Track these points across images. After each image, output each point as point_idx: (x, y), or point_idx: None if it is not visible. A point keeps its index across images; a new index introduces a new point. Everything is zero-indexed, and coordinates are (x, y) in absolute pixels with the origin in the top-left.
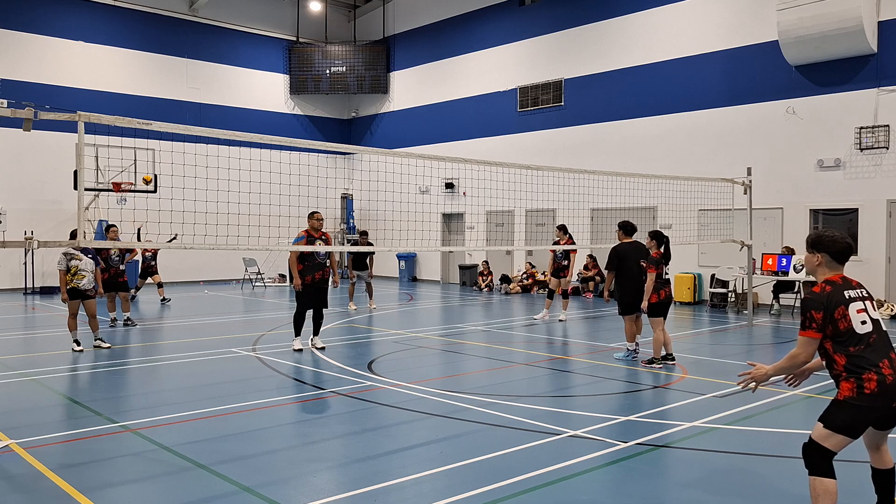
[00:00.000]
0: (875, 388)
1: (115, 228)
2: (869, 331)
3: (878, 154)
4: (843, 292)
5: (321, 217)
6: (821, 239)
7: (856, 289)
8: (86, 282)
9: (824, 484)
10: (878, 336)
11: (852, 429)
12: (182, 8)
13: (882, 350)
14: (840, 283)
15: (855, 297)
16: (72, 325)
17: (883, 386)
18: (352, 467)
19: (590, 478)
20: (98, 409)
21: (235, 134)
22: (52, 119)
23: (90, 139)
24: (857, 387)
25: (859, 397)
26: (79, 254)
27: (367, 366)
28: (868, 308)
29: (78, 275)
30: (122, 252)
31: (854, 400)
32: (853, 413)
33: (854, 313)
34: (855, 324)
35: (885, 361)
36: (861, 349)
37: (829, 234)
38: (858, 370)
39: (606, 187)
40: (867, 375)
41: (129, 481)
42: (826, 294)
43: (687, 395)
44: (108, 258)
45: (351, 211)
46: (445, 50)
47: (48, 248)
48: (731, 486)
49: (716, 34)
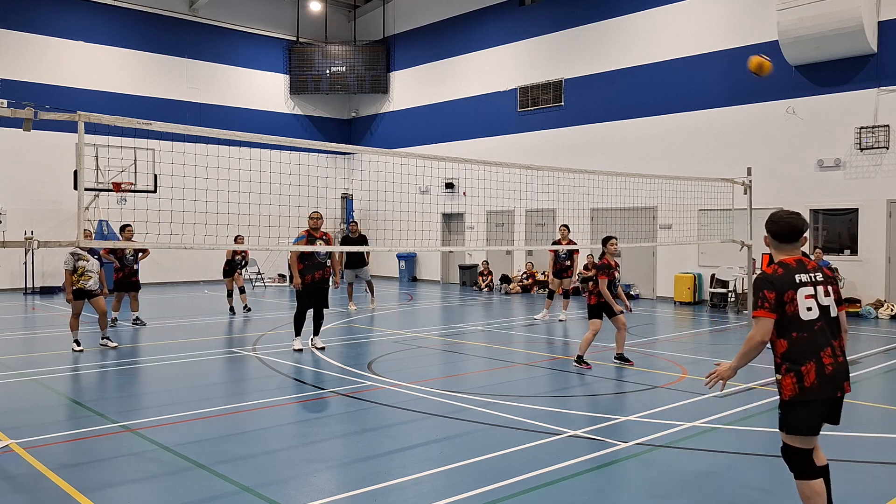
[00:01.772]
0: (815, 380)
1: (131, 228)
2: (814, 317)
3: (878, 154)
4: (794, 276)
5: (320, 216)
6: (768, 221)
7: (810, 272)
8: (91, 283)
9: (811, 486)
10: (823, 323)
11: (809, 426)
12: (182, 8)
13: (824, 339)
14: (793, 266)
15: (806, 281)
16: (74, 325)
17: (822, 376)
18: (352, 467)
19: (590, 478)
20: (98, 409)
21: (235, 134)
22: (52, 119)
23: (90, 139)
24: (797, 382)
25: (802, 392)
26: (86, 254)
27: (367, 366)
28: (819, 293)
29: (85, 276)
30: (135, 251)
31: (798, 397)
32: (804, 410)
33: (802, 298)
34: (801, 309)
35: (827, 350)
36: (804, 336)
37: (774, 214)
38: (798, 361)
39: (606, 187)
40: (806, 368)
41: (129, 481)
42: (777, 276)
43: (687, 395)
44: (122, 257)
45: (351, 211)
46: (445, 50)
47: (48, 248)
48: (731, 486)
49: (716, 34)
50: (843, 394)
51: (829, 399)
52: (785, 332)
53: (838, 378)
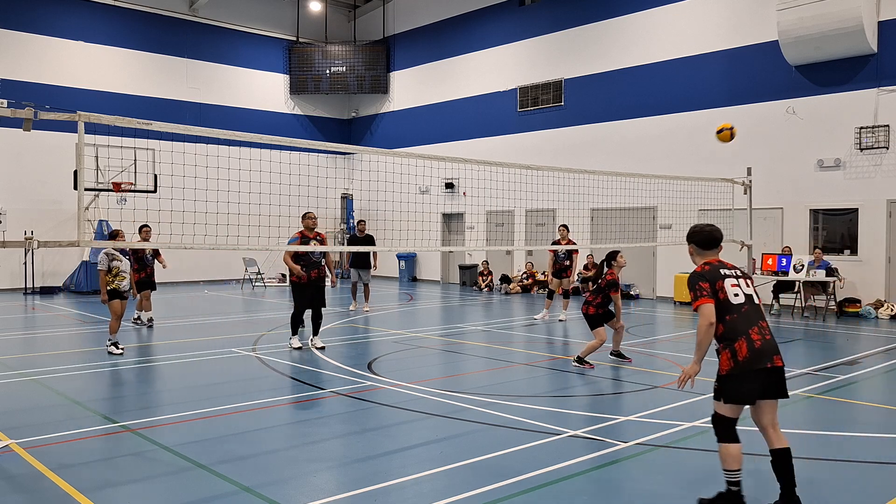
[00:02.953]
0: (746, 353)
1: (148, 228)
2: (741, 302)
3: (878, 154)
4: (719, 270)
5: (314, 217)
6: (690, 232)
7: (730, 269)
8: (125, 283)
9: (728, 449)
10: (749, 307)
11: (744, 395)
12: (182, 8)
13: (752, 319)
14: (716, 264)
15: (729, 274)
16: (114, 328)
17: (752, 349)
18: (352, 467)
19: (590, 478)
20: (98, 409)
21: (235, 134)
22: (52, 119)
23: (90, 139)
24: (732, 356)
25: (736, 366)
26: (119, 255)
27: (367, 366)
28: (741, 284)
29: (119, 276)
30: (153, 252)
31: (733, 370)
32: (737, 382)
33: (729, 286)
34: (730, 295)
35: (755, 328)
36: (735, 318)
37: (695, 227)
38: (732, 339)
39: (606, 187)
40: (738, 344)
41: (129, 481)
42: (707, 271)
43: (687, 395)
44: (143, 258)
45: (351, 211)
46: (445, 50)
47: (48, 248)
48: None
49: (716, 34)
50: (775, 366)
51: (760, 370)
52: (720, 318)
53: (767, 352)
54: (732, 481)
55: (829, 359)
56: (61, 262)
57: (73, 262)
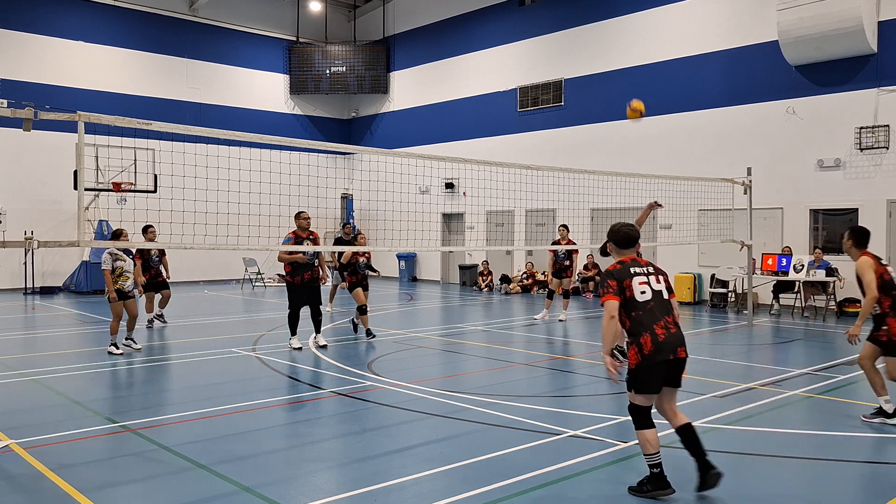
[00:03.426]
0: (651, 347)
1: (153, 229)
2: (647, 299)
3: (878, 154)
4: (629, 269)
5: (308, 217)
6: (610, 231)
7: (642, 267)
8: (129, 284)
9: (645, 434)
10: (655, 303)
11: (651, 386)
12: (182, 8)
13: (658, 315)
14: (628, 263)
15: (639, 272)
16: (115, 329)
17: (657, 343)
18: (352, 467)
19: (590, 478)
20: (98, 409)
21: (235, 134)
22: (52, 119)
23: (90, 139)
24: (639, 351)
25: (643, 359)
26: (122, 255)
27: (367, 366)
28: (651, 281)
29: (122, 276)
30: (159, 252)
31: (641, 364)
32: (646, 374)
33: (636, 285)
34: (636, 293)
35: (660, 323)
36: (640, 314)
37: (614, 226)
38: (637, 334)
39: (606, 187)
40: (643, 339)
41: (129, 481)
42: (617, 270)
43: (687, 395)
44: (148, 259)
45: (351, 211)
46: (445, 50)
47: (48, 248)
48: (730, 486)
49: (716, 34)
50: (678, 358)
51: (665, 362)
52: (628, 314)
53: (671, 344)
54: (653, 464)
55: (829, 359)
56: (61, 262)
57: (73, 262)
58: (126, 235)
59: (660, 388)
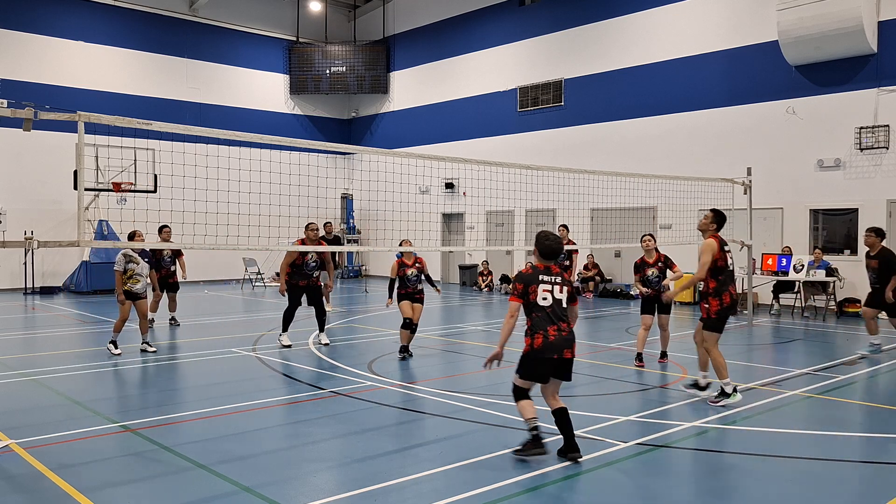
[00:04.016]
0: (541, 343)
1: (168, 229)
2: (548, 304)
3: (878, 154)
4: (538, 276)
5: (316, 228)
6: (537, 237)
7: (552, 275)
8: (139, 286)
9: (522, 404)
10: (553, 309)
11: (535, 375)
12: (182, 8)
13: (553, 319)
14: (541, 270)
15: (546, 280)
16: (119, 328)
17: (546, 342)
18: (352, 467)
19: (590, 478)
20: (98, 409)
21: (235, 134)
22: (52, 119)
23: (90, 139)
24: (531, 343)
25: (532, 351)
26: (136, 256)
27: (367, 366)
28: (554, 290)
29: (133, 278)
30: (173, 253)
31: (529, 354)
32: (532, 363)
33: (540, 291)
34: (539, 298)
35: (553, 327)
36: (539, 315)
37: (541, 236)
38: (534, 331)
39: (606, 187)
40: (538, 336)
41: (129, 481)
42: (527, 274)
43: (687, 395)
44: (161, 259)
45: (351, 211)
46: (445, 50)
47: (48, 248)
48: (729, 486)
49: (716, 34)
50: (563, 357)
51: (551, 359)
52: (529, 313)
53: (559, 346)
54: (531, 427)
55: (829, 359)
56: (61, 262)
57: (73, 262)
58: (141, 236)
59: (544, 380)
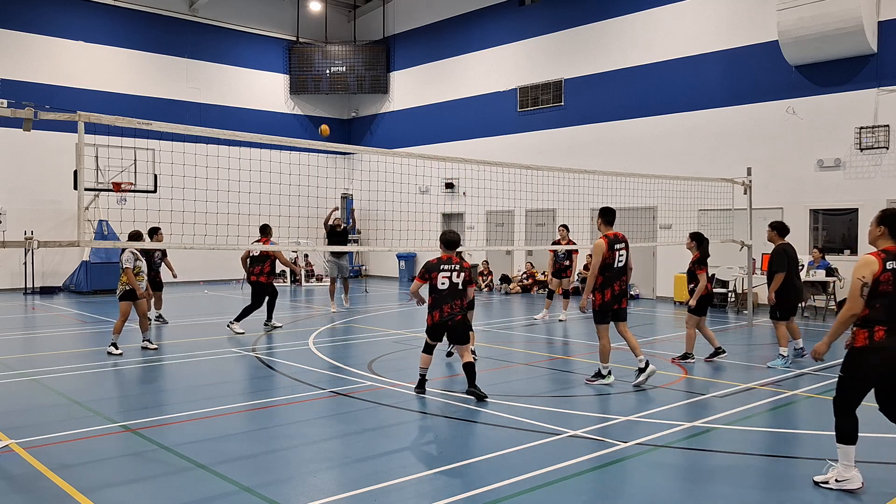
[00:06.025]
0: (437, 318)
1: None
2: (445, 287)
3: (878, 154)
4: (440, 264)
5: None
6: (442, 233)
7: (450, 264)
8: (143, 284)
9: (424, 356)
10: (449, 291)
11: (434, 336)
12: (182, 8)
13: (448, 299)
14: (444, 260)
15: (446, 269)
16: (119, 329)
17: (441, 317)
18: (352, 467)
19: (590, 478)
20: (98, 409)
21: (235, 134)
22: (52, 119)
23: (90, 139)
24: (432, 318)
25: (432, 324)
26: (141, 255)
27: (367, 366)
28: (452, 276)
29: (139, 276)
30: (161, 253)
31: (429, 326)
32: (432, 331)
33: (440, 277)
34: (438, 283)
35: (448, 305)
36: (436, 297)
37: (444, 232)
38: (433, 308)
39: (606, 187)
40: (435, 312)
41: (129, 481)
42: (433, 263)
43: (687, 395)
44: (152, 260)
45: (351, 211)
46: (445, 50)
47: (48, 248)
48: (730, 486)
49: (715, 34)
50: (455, 322)
51: (444, 324)
52: (431, 293)
53: (451, 316)
54: (423, 373)
55: (829, 359)
56: (61, 262)
57: (73, 262)
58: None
59: (440, 340)
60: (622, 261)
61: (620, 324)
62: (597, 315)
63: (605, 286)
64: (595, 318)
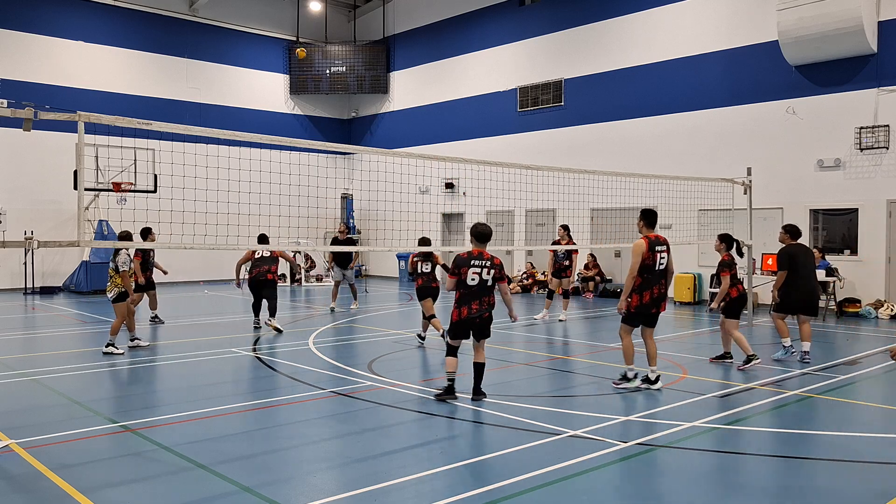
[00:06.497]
0: (465, 315)
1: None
2: (475, 284)
3: (878, 154)
4: (470, 261)
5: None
6: (473, 227)
7: (481, 259)
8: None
9: (449, 360)
10: (478, 287)
11: (459, 335)
12: (182, 8)
13: (478, 295)
14: (475, 255)
15: (477, 265)
16: (116, 329)
17: (470, 313)
18: (352, 467)
19: (590, 478)
20: (98, 409)
21: (235, 134)
22: (52, 119)
23: (90, 139)
24: (458, 314)
25: (459, 320)
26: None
27: (367, 366)
28: (482, 273)
29: (132, 276)
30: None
31: (456, 322)
32: (457, 328)
33: (470, 273)
34: (468, 279)
35: (476, 301)
36: (465, 292)
37: (476, 225)
38: (461, 304)
39: (606, 187)
40: (463, 308)
41: (129, 481)
42: (462, 258)
43: (687, 395)
44: (147, 259)
45: (351, 211)
46: (445, 50)
47: (48, 248)
48: (729, 486)
49: (715, 34)
50: (482, 319)
51: (471, 321)
52: (460, 289)
53: (477, 315)
54: (450, 379)
55: (829, 359)
56: (61, 262)
57: (73, 262)
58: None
59: (466, 337)
60: (663, 263)
61: (648, 329)
62: (627, 316)
63: (644, 288)
64: (624, 318)
